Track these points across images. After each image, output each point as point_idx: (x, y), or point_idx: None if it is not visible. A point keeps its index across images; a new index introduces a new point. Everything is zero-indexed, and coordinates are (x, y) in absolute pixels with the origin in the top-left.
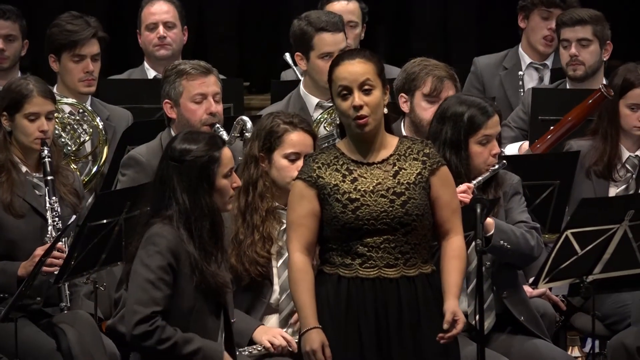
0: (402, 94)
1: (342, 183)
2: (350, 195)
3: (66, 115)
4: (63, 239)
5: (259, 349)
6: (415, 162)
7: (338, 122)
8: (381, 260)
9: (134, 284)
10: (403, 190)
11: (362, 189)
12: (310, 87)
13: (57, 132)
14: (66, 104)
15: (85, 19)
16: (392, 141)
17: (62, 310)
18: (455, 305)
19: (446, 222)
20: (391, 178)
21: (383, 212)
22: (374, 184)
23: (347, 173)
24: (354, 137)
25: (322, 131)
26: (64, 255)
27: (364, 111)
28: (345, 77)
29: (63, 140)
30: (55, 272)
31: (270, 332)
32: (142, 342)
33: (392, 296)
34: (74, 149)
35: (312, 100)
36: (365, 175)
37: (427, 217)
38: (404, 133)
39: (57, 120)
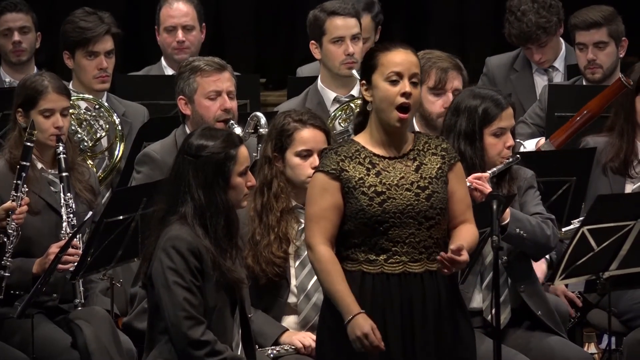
0: None
1: (367, 176)
2: (376, 188)
3: (82, 111)
4: (78, 236)
5: (286, 348)
6: (435, 157)
7: (354, 118)
8: (406, 255)
9: (169, 295)
10: (427, 185)
11: (387, 182)
12: (327, 80)
13: (73, 128)
14: (82, 99)
15: (99, 15)
16: (409, 136)
17: (76, 307)
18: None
19: (461, 215)
20: (413, 172)
21: (409, 205)
22: (398, 178)
23: (370, 166)
24: (386, 127)
25: (337, 127)
26: (79, 252)
27: (410, 100)
28: (400, 63)
29: (79, 136)
30: (71, 269)
31: (300, 333)
32: (195, 350)
33: (417, 291)
34: (90, 145)
35: (330, 95)
36: (388, 169)
37: (447, 211)
38: (416, 127)
39: (73, 116)
